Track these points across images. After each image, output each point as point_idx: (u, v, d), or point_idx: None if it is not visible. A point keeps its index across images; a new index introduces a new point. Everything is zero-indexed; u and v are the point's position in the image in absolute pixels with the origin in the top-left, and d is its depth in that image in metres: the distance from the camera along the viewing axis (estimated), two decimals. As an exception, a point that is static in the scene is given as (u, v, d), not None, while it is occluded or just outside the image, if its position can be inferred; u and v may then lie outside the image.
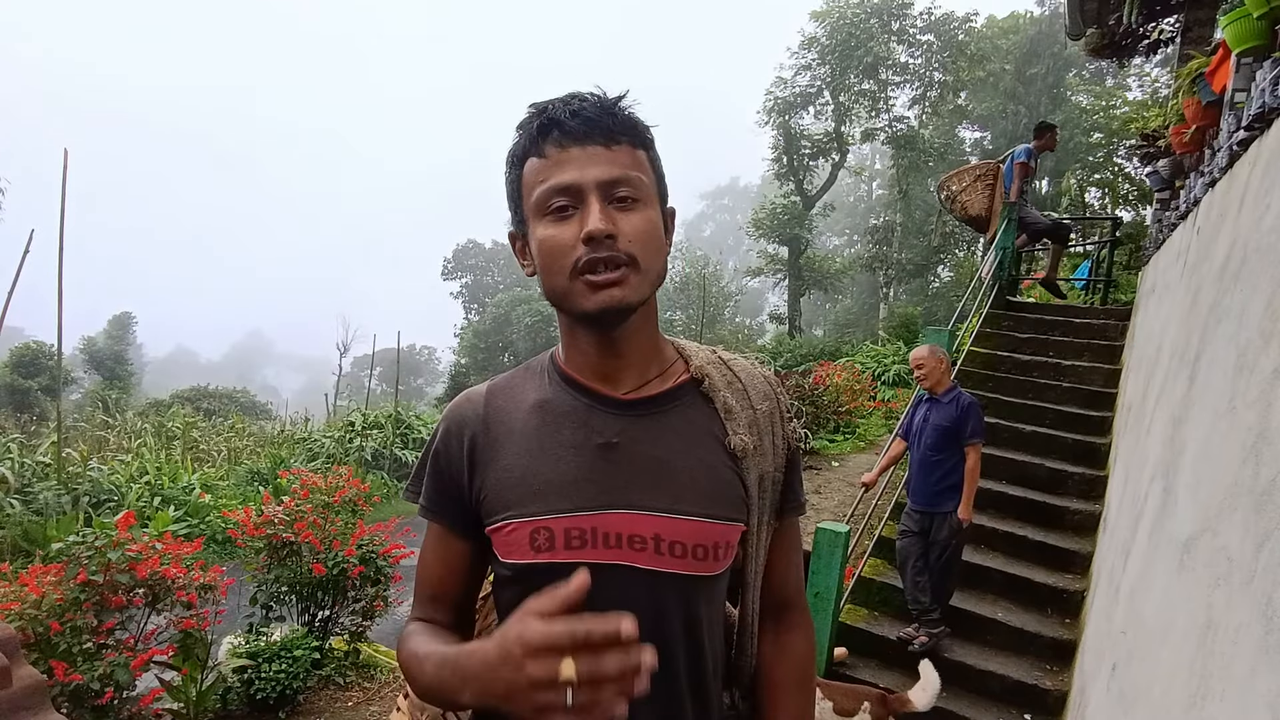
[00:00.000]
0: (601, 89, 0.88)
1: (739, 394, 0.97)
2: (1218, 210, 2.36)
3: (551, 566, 0.86)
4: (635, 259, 0.83)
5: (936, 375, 3.85)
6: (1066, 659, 3.78)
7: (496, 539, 0.90)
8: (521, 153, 0.88)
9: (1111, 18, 6.25)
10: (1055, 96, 20.48)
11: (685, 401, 0.95)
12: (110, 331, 29.09)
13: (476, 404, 0.97)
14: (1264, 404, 1.32)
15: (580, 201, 0.83)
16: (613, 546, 0.86)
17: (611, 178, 0.83)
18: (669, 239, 0.93)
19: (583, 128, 0.83)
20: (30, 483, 7.21)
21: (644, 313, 0.90)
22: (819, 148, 21.54)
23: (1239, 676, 1.15)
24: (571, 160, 0.83)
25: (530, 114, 0.88)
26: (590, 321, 0.87)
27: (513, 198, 0.91)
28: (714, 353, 1.03)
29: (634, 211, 0.84)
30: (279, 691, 3.65)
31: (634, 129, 0.87)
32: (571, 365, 0.95)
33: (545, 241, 0.84)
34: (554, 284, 0.85)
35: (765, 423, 0.98)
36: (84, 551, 3.13)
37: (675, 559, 0.87)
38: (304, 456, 11.06)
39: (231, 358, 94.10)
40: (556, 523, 0.86)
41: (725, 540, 0.91)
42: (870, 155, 36.72)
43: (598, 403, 0.92)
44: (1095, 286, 8.44)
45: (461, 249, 28.60)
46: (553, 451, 0.90)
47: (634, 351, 0.92)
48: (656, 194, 0.89)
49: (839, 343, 19.39)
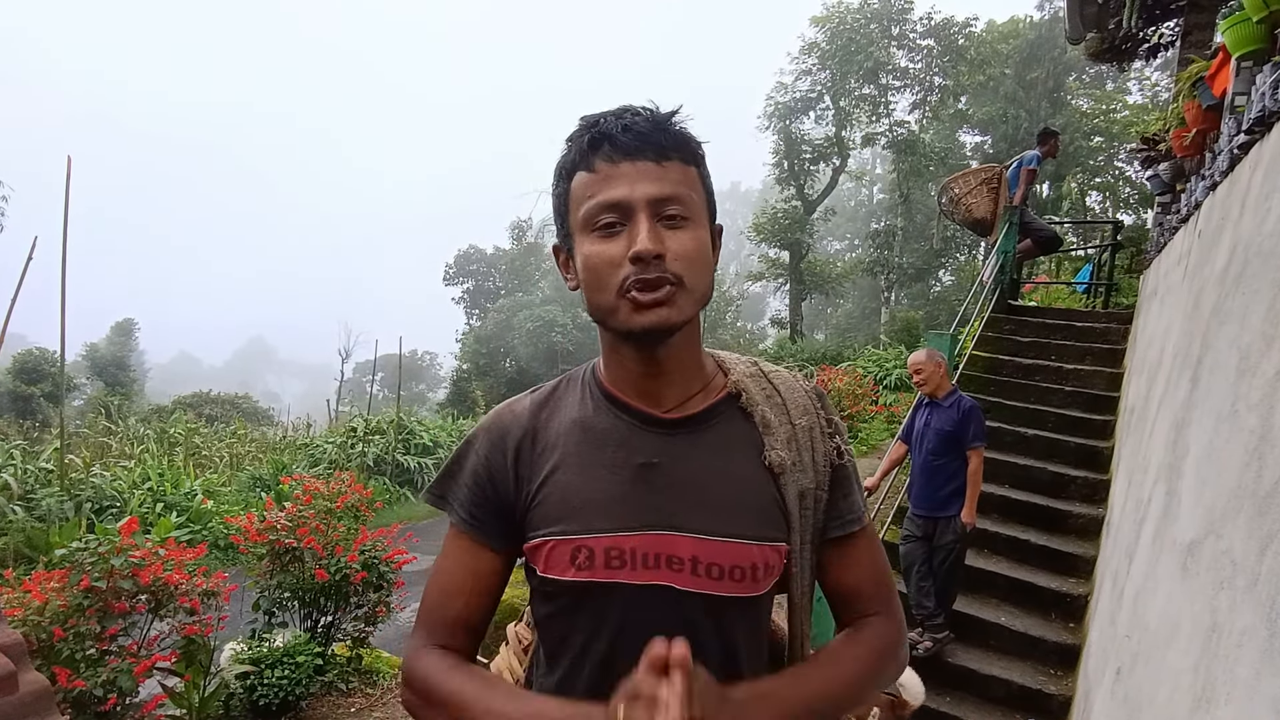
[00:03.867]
0: (654, 103, 0.87)
1: (777, 408, 0.96)
2: (1219, 214, 2.36)
3: (591, 585, 0.86)
4: (682, 279, 0.82)
5: (935, 380, 3.85)
6: (1070, 663, 3.77)
7: (538, 554, 0.89)
8: (570, 166, 0.86)
9: (1111, 22, 6.27)
10: (1055, 101, 20.48)
11: (724, 417, 0.93)
12: (113, 338, 29.11)
13: (521, 415, 0.95)
14: (1266, 407, 1.32)
15: (628, 218, 0.81)
16: (651, 567, 0.86)
17: (662, 195, 0.81)
18: (716, 257, 0.91)
19: (634, 143, 0.82)
20: (33, 489, 7.23)
21: (688, 331, 0.88)
22: (820, 152, 21.55)
23: (1244, 680, 1.14)
24: (621, 176, 0.82)
25: (581, 127, 0.86)
26: (634, 340, 0.86)
27: (559, 211, 0.90)
28: (754, 364, 1.01)
29: (683, 230, 0.83)
30: (281, 698, 3.64)
31: (686, 145, 0.86)
32: (613, 382, 0.93)
33: (591, 258, 0.83)
34: (599, 301, 0.84)
35: (804, 438, 0.95)
36: (87, 558, 3.13)
37: (714, 580, 0.86)
38: (306, 462, 11.06)
39: (234, 364, 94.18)
40: (597, 542, 0.86)
41: (765, 561, 0.89)
42: (871, 160, 36.74)
43: (639, 422, 0.91)
44: (1097, 290, 8.45)
45: (463, 255, 28.58)
46: (594, 470, 0.89)
47: (676, 369, 0.91)
48: (706, 212, 0.88)
49: (841, 347, 19.37)
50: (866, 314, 29.19)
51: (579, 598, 0.88)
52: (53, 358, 19.55)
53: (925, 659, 3.76)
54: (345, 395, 24.99)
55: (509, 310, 24.71)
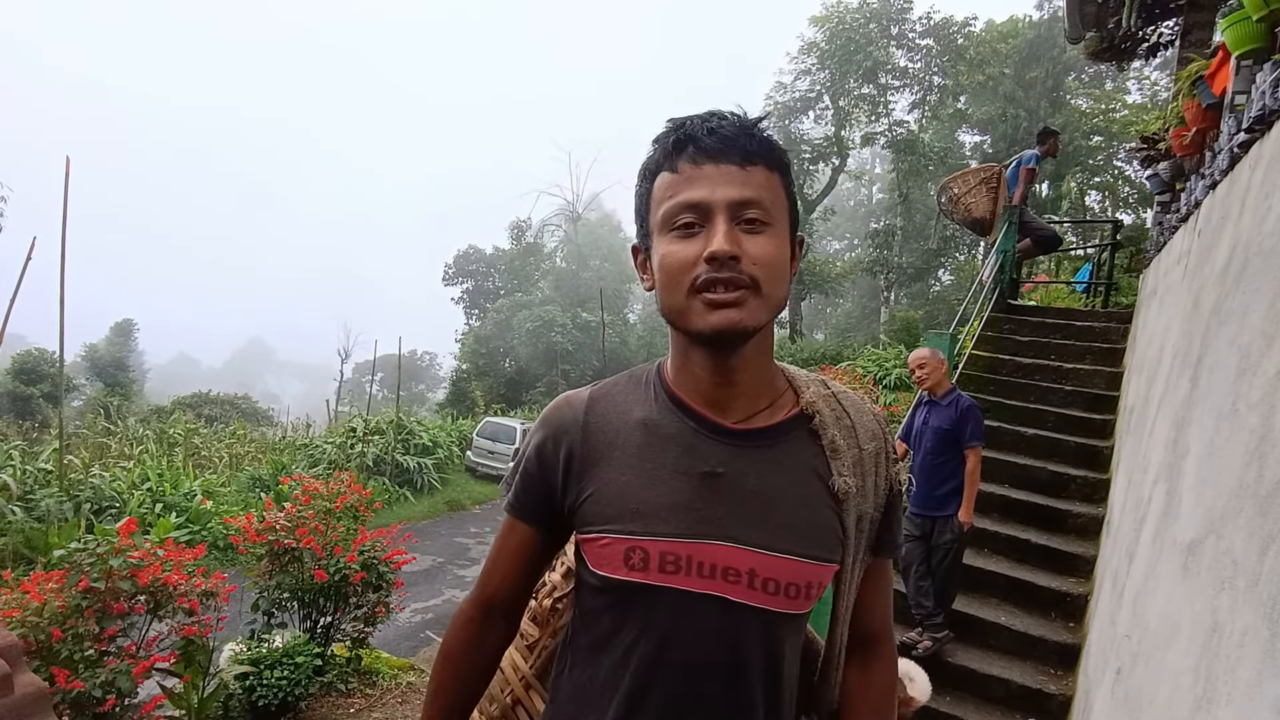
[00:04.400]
0: (742, 108, 0.87)
1: (847, 432, 0.95)
2: (1219, 213, 2.36)
3: (643, 587, 0.86)
4: (757, 282, 0.81)
5: (937, 375, 3.85)
6: (1070, 663, 3.76)
7: (589, 548, 0.90)
8: (654, 166, 0.86)
9: (1111, 21, 6.27)
10: (1055, 100, 20.48)
11: (793, 436, 0.92)
12: (112, 338, 29.10)
13: (577, 410, 0.95)
14: (1267, 406, 1.32)
15: (707, 220, 0.81)
16: (707, 576, 0.85)
17: (742, 198, 0.81)
18: (795, 267, 0.89)
19: (718, 145, 0.82)
20: (32, 490, 7.22)
21: (760, 340, 0.87)
22: (819, 152, 21.58)
23: (1245, 680, 1.14)
24: (704, 177, 0.81)
25: (667, 128, 0.86)
26: (704, 342, 0.85)
27: (640, 211, 0.89)
28: (824, 385, 1.00)
29: (761, 235, 0.82)
30: (281, 698, 3.64)
31: (771, 151, 0.85)
32: (680, 386, 0.92)
33: (667, 257, 0.83)
34: (671, 300, 0.84)
35: (870, 463, 0.95)
36: (86, 558, 3.12)
37: (768, 595, 0.87)
38: (305, 462, 11.06)
39: (233, 364, 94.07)
40: (653, 545, 0.85)
41: (818, 580, 0.90)
42: (870, 159, 36.71)
43: (705, 429, 0.90)
44: (1097, 289, 8.44)
45: (462, 255, 28.55)
46: (655, 473, 0.88)
47: (746, 380, 0.90)
48: (787, 219, 0.87)
49: (840, 347, 19.39)
50: (866, 314, 29.20)
51: (630, 596, 0.88)
52: (52, 358, 19.55)
53: (925, 659, 3.75)
54: (345, 396, 24.99)
55: (508, 310, 24.68)
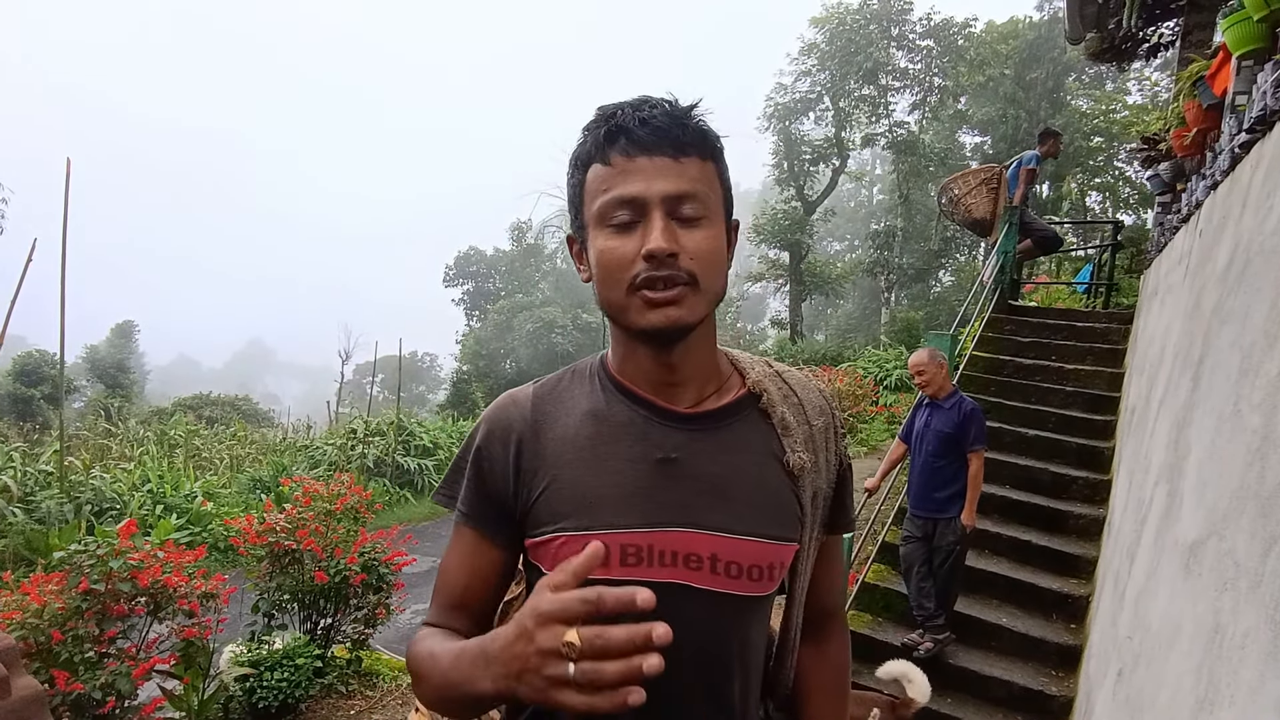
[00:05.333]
0: (674, 95, 0.85)
1: (795, 409, 0.95)
2: (1220, 213, 2.36)
3: (606, 584, 0.84)
4: (695, 277, 0.81)
5: (938, 381, 3.84)
6: (1072, 664, 3.76)
7: (544, 551, 0.87)
8: (586, 157, 0.85)
9: (1111, 22, 6.26)
10: (1055, 101, 20.47)
11: (744, 417, 0.92)
12: (112, 340, 29.13)
13: (523, 407, 0.92)
14: (1269, 407, 1.31)
15: (643, 215, 0.80)
16: (669, 565, 0.84)
17: (678, 192, 0.80)
18: (732, 254, 0.89)
19: (651, 137, 0.80)
20: (33, 491, 7.21)
21: (702, 330, 0.87)
22: (819, 153, 21.57)
23: (1247, 682, 1.14)
24: (637, 171, 0.80)
25: (598, 118, 0.85)
26: (646, 339, 0.85)
27: (574, 202, 0.88)
28: (768, 365, 1.00)
29: (697, 229, 0.81)
30: (281, 700, 3.64)
31: (704, 140, 0.84)
32: (627, 375, 0.91)
33: (605, 253, 0.82)
34: (610, 297, 0.83)
35: (820, 439, 0.96)
36: (86, 560, 3.12)
37: (731, 579, 0.86)
38: (306, 464, 11.04)
39: (233, 366, 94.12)
40: (612, 538, 0.82)
41: (780, 560, 0.90)
42: (871, 160, 36.72)
43: (657, 416, 0.89)
44: (1097, 290, 8.44)
45: (463, 256, 28.54)
46: (609, 464, 0.86)
47: (691, 368, 0.90)
48: (723, 208, 0.86)
49: (841, 348, 19.37)
50: (866, 315, 29.17)
51: None
52: (52, 360, 19.54)
53: (926, 660, 3.74)
54: (345, 397, 24.93)
55: (509, 312, 24.68)
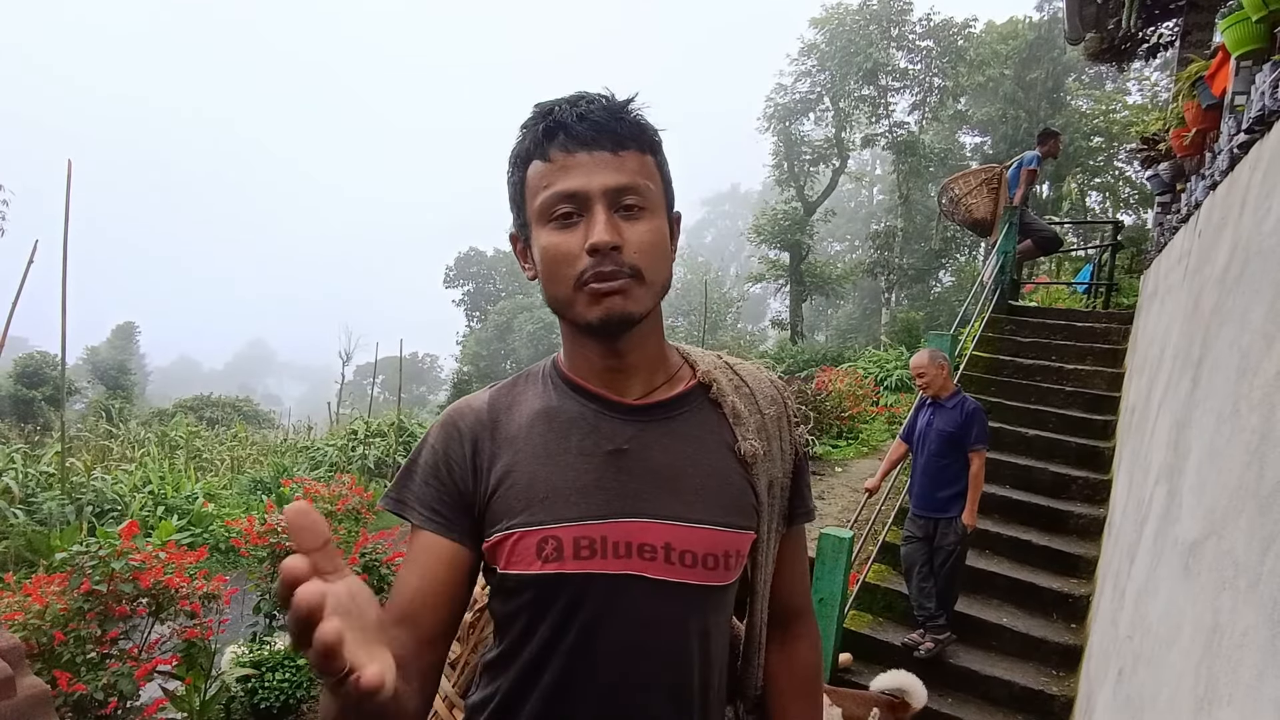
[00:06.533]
0: (610, 90, 0.85)
1: (746, 399, 0.96)
2: (1219, 213, 2.36)
3: (560, 577, 0.83)
4: (640, 270, 0.81)
5: (939, 382, 3.84)
6: (1072, 664, 3.76)
7: (499, 550, 0.85)
8: (525, 154, 0.85)
9: (1110, 22, 6.26)
10: (1055, 101, 20.47)
11: (694, 407, 0.93)
12: (114, 341, 29.22)
13: (479, 409, 0.92)
14: (1268, 406, 1.32)
15: (585, 209, 0.80)
16: (622, 556, 0.83)
17: (618, 185, 0.80)
18: (675, 245, 0.90)
19: (590, 132, 0.81)
20: (34, 493, 7.21)
21: (649, 322, 0.87)
22: (819, 153, 21.59)
23: (1246, 681, 1.14)
24: (578, 166, 0.80)
25: (535, 114, 0.85)
26: (593, 332, 0.84)
27: (515, 199, 0.88)
28: (719, 357, 1.01)
29: (640, 221, 0.82)
30: (283, 701, 3.64)
31: (642, 134, 0.84)
32: (576, 371, 0.92)
33: (549, 250, 0.82)
34: (556, 293, 0.83)
35: (773, 427, 0.96)
36: (88, 561, 3.13)
37: (686, 569, 0.85)
38: (307, 465, 11.05)
39: (234, 367, 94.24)
40: (565, 531, 0.83)
41: (736, 549, 0.89)
42: (871, 161, 36.75)
43: (606, 409, 0.89)
44: (1097, 290, 8.43)
45: (463, 257, 28.62)
46: (561, 458, 0.86)
47: (640, 360, 0.90)
48: (664, 200, 0.87)
49: (841, 348, 19.36)
50: (867, 315, 29.18)
51: (546, 591, 0.84)
52: (54, 361, 19.55)
53: (927, 660, 3.75)
54: (346, 398, 24.96)
55: (509, 312, 24.74)
